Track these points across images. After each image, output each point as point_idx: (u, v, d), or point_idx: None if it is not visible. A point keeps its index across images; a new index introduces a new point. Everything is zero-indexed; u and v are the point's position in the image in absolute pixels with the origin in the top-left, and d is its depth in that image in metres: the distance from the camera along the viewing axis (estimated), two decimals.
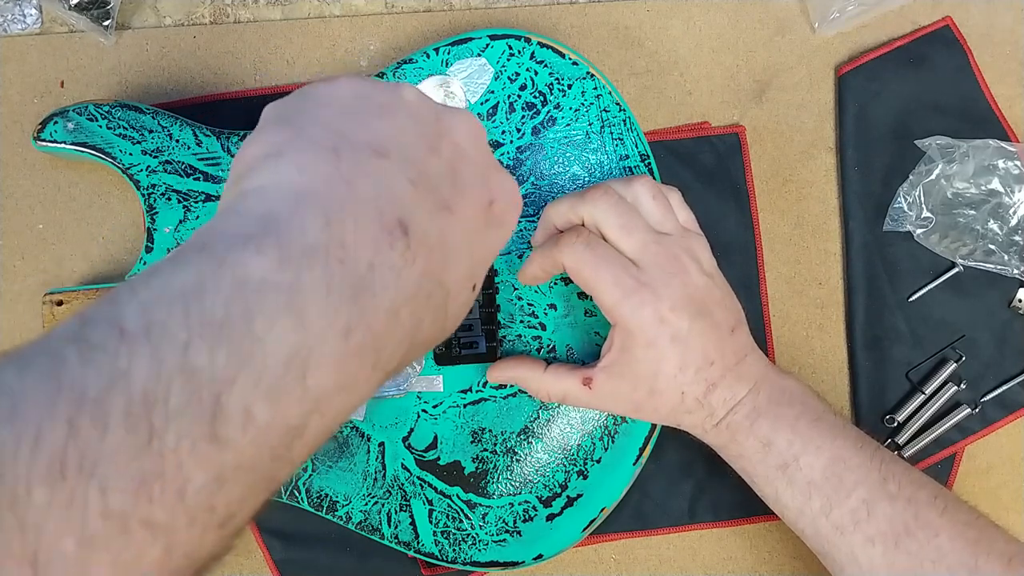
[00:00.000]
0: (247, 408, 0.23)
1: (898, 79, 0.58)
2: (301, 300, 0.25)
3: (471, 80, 0.52)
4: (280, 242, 0.26)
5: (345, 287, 0.26)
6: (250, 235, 0.26)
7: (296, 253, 0.25)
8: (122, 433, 0.21)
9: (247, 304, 0.24)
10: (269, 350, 0.24)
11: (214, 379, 0.23)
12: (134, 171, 0.51)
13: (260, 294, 0.24)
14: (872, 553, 0.44)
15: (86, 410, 0.21)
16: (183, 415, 0.22)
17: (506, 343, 0.53)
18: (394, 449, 0.52)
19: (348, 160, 0.29)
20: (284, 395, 0.24)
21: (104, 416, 0.21)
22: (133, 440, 0.21)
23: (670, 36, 0.58)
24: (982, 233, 0.56)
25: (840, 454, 0.46)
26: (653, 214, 0.47)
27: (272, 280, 0.25)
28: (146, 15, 0.57)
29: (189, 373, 0.23)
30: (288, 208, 0.27)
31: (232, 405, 0.23)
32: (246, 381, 0.23)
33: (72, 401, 0.21)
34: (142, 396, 0.22)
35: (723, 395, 0.47)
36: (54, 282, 0.55)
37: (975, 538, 0.44)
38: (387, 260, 0.28)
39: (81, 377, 0.22)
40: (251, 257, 0.25)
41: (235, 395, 0.23)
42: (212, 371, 0.23)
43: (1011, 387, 0.57)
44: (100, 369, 0.22)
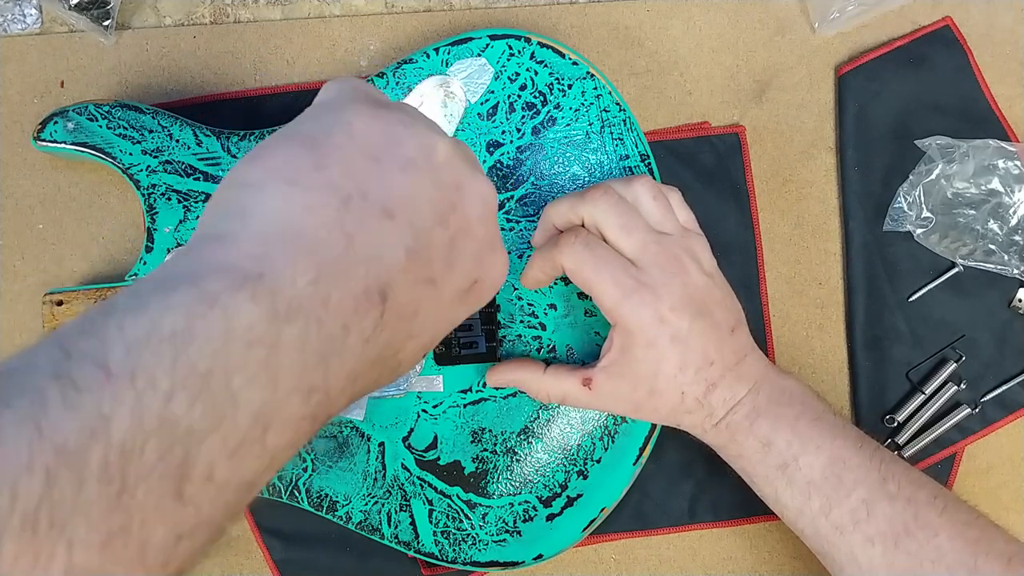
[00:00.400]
0: (211, 467, 0.24)
1: (898, 79, 0.58)
2: (277, 359, 0.25)
3: (471, 80, 0.52)
4: (272, 291, 0.26)
5: (317, 349, 0.26)
6: (247, 275, 0.26)
7: (283, 307, 0.26)
8: (96, 488, 0.21)
9: (230, 359, 0.24)
10: (241, 408, 0.24)
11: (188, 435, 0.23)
12: (134, 171, 0.51)
13: (245, 349, 0.25)
14: (871, 553, 0.44)
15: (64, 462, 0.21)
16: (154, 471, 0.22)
17: (506, 343, 0.53)
18: (394, 449, 0.52)
19: (355, 214, 0.29)
20: (246, 454, 0.25)
21: (81, 469, 0.21)
22: (106, 494, 0.22)
23: (670, 36, 0.58)
24: (982, 233, 0.56)
25: (840, 454, 0.46)
26: (653, 214, 0.47)
27: (257, 334, 0.25)
28: (146, 15, 0.57)
29: (167, 427, 0.23)
30: (284, 252, 0.27)
31: (199, 463, 0.23)
32: (215, 439, 0.24)
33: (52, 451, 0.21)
34: (120, 448, 0.22)
35: (723, 395, 0.47)
36: (54, 282, 0.55)
37: (974, 538, 0.44)
38: (360, 326, 0.28)
39: (62, 423, 0.22)
40: (243, 303, 0.25)
41: (203, 452, 0.23)
42: (188, 426, 0.23)
43: (1011, 387, 0.57)
44: (83, 416, 0.22)
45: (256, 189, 0.29)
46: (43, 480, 0.21)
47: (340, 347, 0.27)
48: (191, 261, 0.27)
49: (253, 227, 0.27)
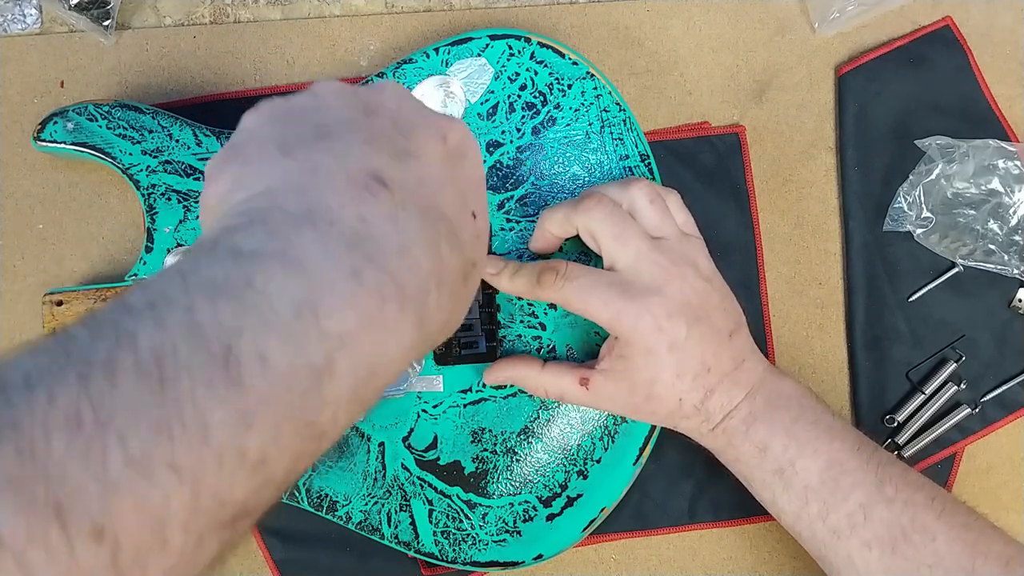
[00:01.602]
0: (261, 352, 0.23)
1: (898, 79, 0.58)
2: (297, 255, 0.25)
3: (471, 80, 0.52)
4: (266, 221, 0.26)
5: (341, 240, 0.26)
6: (236, 225, 0.26)
7: (284, 224, 0.26)
8: (133, 383, 0.22)
9: (244, 269, 0.25)
10: (274, 300, 0.24)
11: (222, 330, 0.23)
12: (134, 171, 0.51)
13: (256, 259, 0.25)
14: (869, 558, 0.44)
15: (96, 369, 0.22)
16: (193, 363, 0.22)
17: (506, 343, 0.53)
18: (394, 449, 0.52)
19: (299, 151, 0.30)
20: (299, 337, 0.24)
21: (113, 372, 0.22)
22: (146, 387, 0.22)
23: (670, 36, 0.58)
24: (982, 233, 0.56)
25: (837, 458, 0.46)
26: (650, 219, 0.47)
27: (265, 248, 0.25)
28: (146, 15, 0.57)
29: (195, 328, 0.23)
30: (265, 200, 0.28)
31: (244, 351, 0.23)
32: (255, 329, 0.24)
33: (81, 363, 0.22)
34: (150, 350, 0.22)
35: (720, 400, 0.47)
36: (54, 282, 0.55)
37: (973, 540, 0.44)
38: (378, 210, 0.28)
39: (89, 346, 0.22)
40: (243, 236, 0.26)
41: (246, 341, 0.23)
42: (218, 323, 0.23)
43: (1011, 387, 0.57)
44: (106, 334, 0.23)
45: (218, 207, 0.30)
46: (76, 385, 0.21)
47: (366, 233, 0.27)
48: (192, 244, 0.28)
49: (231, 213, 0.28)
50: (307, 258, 0.25)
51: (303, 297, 0.25)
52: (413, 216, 0.29)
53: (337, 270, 0.26)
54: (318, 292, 0.25)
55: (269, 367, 0.24)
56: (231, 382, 0.23)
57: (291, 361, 0.24)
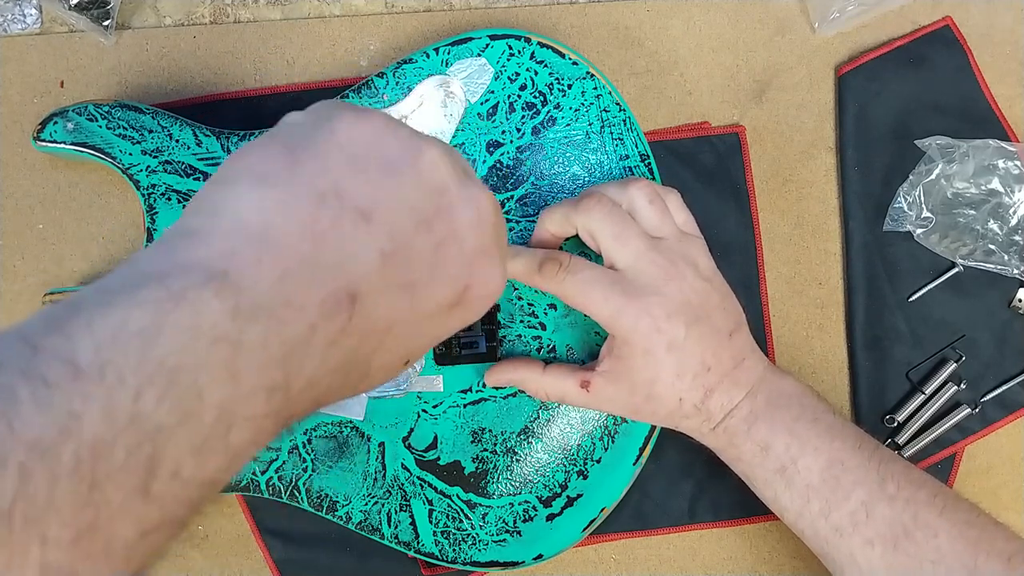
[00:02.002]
0: (177, 463, 0.23)
1: (898, 79, 0.58)
2: (241, 357, 0.25)
3: (471, 80, 0.52)
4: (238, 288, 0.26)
5: (280, 348, 0.26)
6: (212, 274, 0.26)
7: (247, 305, 0.26)
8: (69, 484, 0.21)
9: (197, 355, 0.24)
10: (206, 406, 0.24)
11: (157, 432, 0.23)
12: (134, 171, 0.51)
13: (210, 345, 0.25)
14: (871, 555, 0.44)
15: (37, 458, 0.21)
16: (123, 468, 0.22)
17: (506, 343, 0.53)
18: (394, 449, 0.52)
19: (328, 214, 0.28)
20: (210, 450, 0.24)
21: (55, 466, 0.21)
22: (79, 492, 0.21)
23: (670, 36, 0.58)
24: (982, 233, 0.56)
25: (838, 456, 0.46)
26: (649, 219, 0.47)
27: (222, 331, 0.25)
28: (146, 15, 0.57)
29: (137, 423, 0.23)
30: (251, 249, 0.27)
31: (166, 459, 0.23)
32: (182, 435, 0.24)
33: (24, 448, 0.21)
34: (91, 445, 0.22)
35: (720, 400, 0.47)
36: (54, 282, 0.55)
37: (975, 537, 0.44)
38: (324, 330, 0.27)
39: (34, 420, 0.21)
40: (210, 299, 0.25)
41: (170, 450, 0.23)
42: (157, 423, 0.23)
43: (1011, 387, 0.57)
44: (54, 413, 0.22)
45: (230, 185, 0.29)
46: (16, 477, 0.21)
47: (303, 349, 0.27)
48: (160, 257, 0.26)
49: (222, 224, 0.27)
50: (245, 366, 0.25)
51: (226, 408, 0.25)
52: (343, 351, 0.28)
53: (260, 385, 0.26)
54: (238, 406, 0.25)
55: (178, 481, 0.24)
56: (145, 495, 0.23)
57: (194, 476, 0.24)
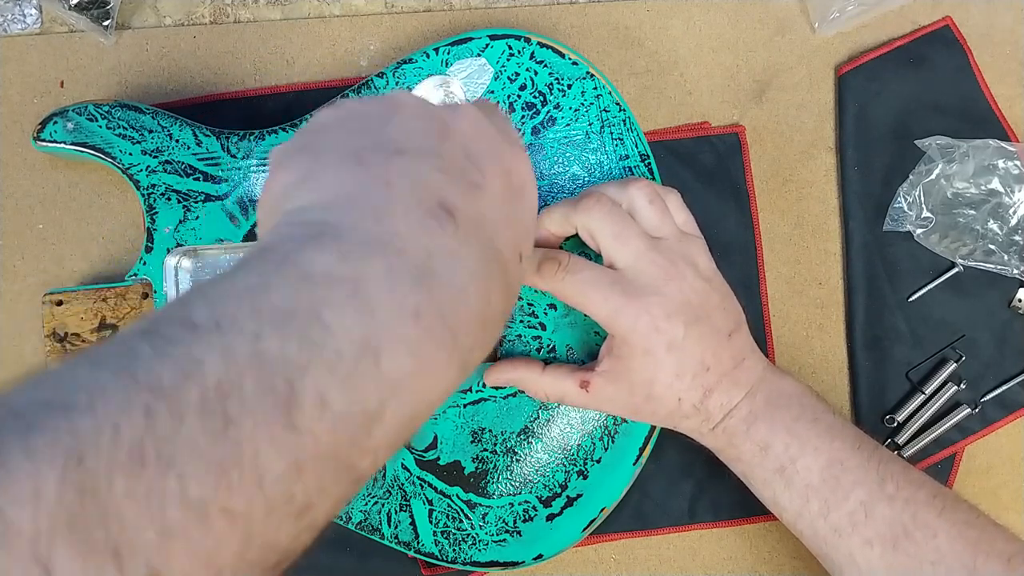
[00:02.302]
0: (322, 395, 0.23)
1: (898, 79, 0.58)
2: (366, 289, 0.25)
3: (471, 80, 0.52)
4: (339, 239, 0.26)
5: (407, 274, 0.26)
6: (309, 235, 0.26)
7: (356, 248, 0.26)
8: (198, 422, 0.21)
9: (313, 297, 0.24)
10: (340, 337, 0.24)
11: (287, 367, 0.23)
12: (134, 171, 0.51)
13: (325, 287, 0.25)
14: (870, 555, 0.44)
15: (162, 401, 0.21)
16: (258, 403, 0.22)
17: (506, 343, 0.53)
18: None
19: (375, 164, 0.29)
20: (358, 381, 0.24)
21: (180, 406, 0.21)
22: (210, 428, 0.21)
23: (670, 36, 0.58)
24: (982, 233, 0.56)
25: (838, 456, 0.46)
26: (649, 219, 0.47)
27: (336, 273, 0.25)
28: (146, 15, 0.57)
29: (262, 362, 0.23)
30: (338, 212, 0.27)
31: (307, 392, 0.23)
32: (319, 368, 0.23)
33: (148, 392, 0.21)
34: (216, 386, 0.22)
35: (719, 400, 0.47)
36: (54, 282, 0.55)
37: (974, 538, 0.44)
38: (443, 244, 0.28)
39: (156, 369, 0.22)
40: (313, 254, 0.25)
41: (309, 382, 0.23)
42: (284, 359, 0.23)
43: (1011, 387, 0.57)
44: (174, 361, 0.22)
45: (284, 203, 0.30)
46: (143, 417, 0.21)
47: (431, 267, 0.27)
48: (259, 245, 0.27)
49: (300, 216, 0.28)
50: (375, 293, 0.25)
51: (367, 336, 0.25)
52: (473, 254, 0.29)
53: (401, 309, 0.26)
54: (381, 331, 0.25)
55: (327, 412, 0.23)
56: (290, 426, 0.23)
57: (348, 407, 0.24)
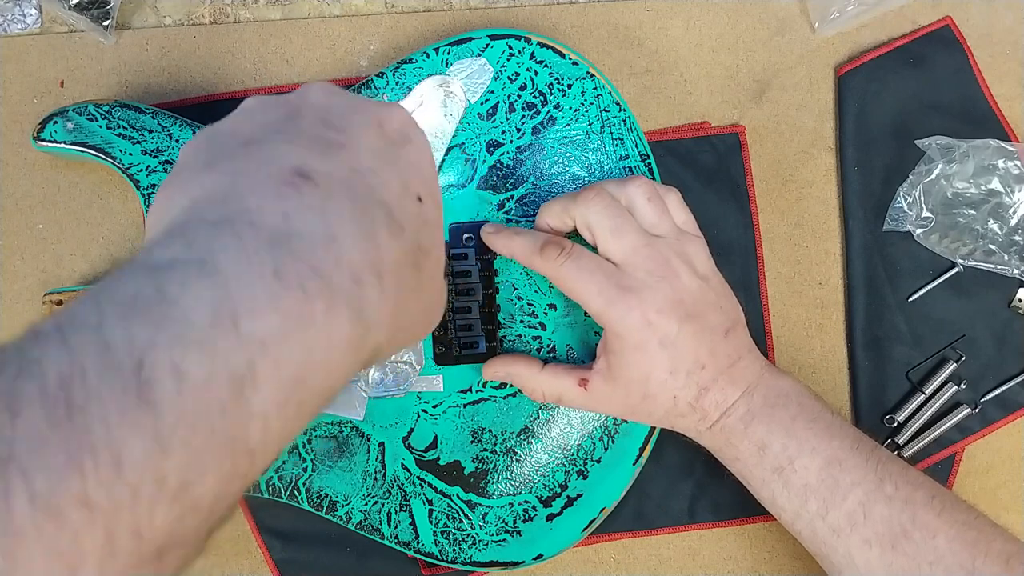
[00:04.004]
0: (175, 366, 0.22)
1: (898, 79, 0.58)
2: (215, 262, 0.24)
3: (471, 80, 0.52)
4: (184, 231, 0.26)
5: (261, 241, 0.25)
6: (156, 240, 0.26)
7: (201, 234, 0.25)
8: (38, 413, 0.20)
9: (157, 280, 0.24)
10: (188, 308, 0.23)
11: (132, 346, 0.22)
12: (134, 171, 0.51)
13: (170, 270, 0.24)
14: (869, 555, 0.44)
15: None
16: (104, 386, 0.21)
17: (506, 343, 0.53)
18: (394, 449, 0.52)
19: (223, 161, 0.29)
20: (216, 346, 0.23)
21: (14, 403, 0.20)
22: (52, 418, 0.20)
23: (670, 36, 0.58)
24: (982, 233, 0.56)
25: (836, 455, 0.46)
26: (647, 216, 0.47)
27: (181, 258, 0.24)
28: (146, 15, 0.57)
29: (104, 346, 0.22)
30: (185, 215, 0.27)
31: (158, 365, 0.22)
32: (168, 341, 0.22)
33: None
34: (56, 377, 0.21)
35: (715, 398, 0.47)
36: (54, 282, 0.55)
37: (973, 539, 0.43)
38: (300, 204, 0.27)
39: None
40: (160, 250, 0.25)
41: (160, 356, 0.22)
42: (128, 340, 0.22)
43: (1011, 387, 0.57)
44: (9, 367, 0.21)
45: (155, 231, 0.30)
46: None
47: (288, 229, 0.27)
48: None
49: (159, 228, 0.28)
50: (224, 263, 0.24)
51: (220, 303, 0.24)
52: (342, 206, 0.28)
53: (256, 271, 0.25)
54: (236, 296, 0.24)
55: (185, 381, 0.22)
56: (144, 403, 0.21)
57: (209, 372, 0.23)
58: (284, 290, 0.25)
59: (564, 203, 0.48)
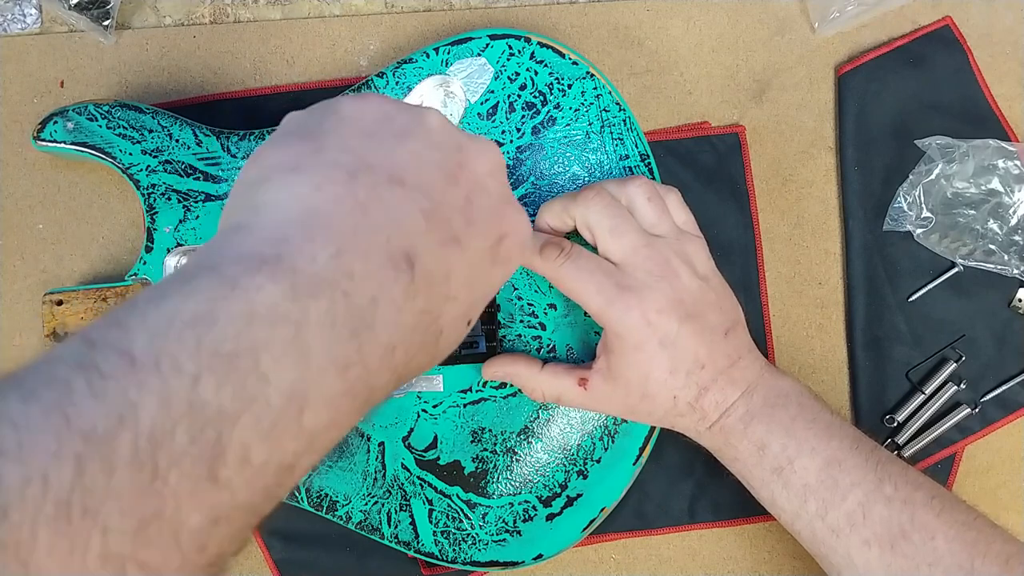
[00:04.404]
0: (245, 448, 0.23)
1: (898, 79, 0.58)
2: (306, 335, 0.25)
3: (471, 80, 0.52)
4: (293, 269, 0.25)
5: (348, 322, 0.26)
6: (264, 259, 0.25)
7: (305, 284, 0.25)
8: (127, 475, 0.21)
9: (255, 338, 0.24)
10: (272, 388, 0.24)
11: (220, 417, 0.23)
12: (134, 171, 0.51)
13: (270, 327, 0.24)
14: (868, 556, 0.44)
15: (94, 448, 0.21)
16: (186, 456, 0.22)
17: (506, 343, 0.53)
18: (394, 449, 0.52)
19: (364, 185, 0.28)
20: (281, 434, 0.24)
21: (111, 455, 0.21)
22: (138, 481, 0.21)
23: (670, 36, 0.58)
24: (982, 233, 0.56)
25: (836, 456, 0.46)
26: (647, 216, 0.47)
27: (281, 312, 0.24)
28: (146, 15, 0.57)
29: (197, 410, 0.22)
30: (301, 232, 0.27)
31: (232, 445, 0.23)
32: (248, 420, 0.23)
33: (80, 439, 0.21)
34: (149, 434, 0.21)
35: (715, 398, 0.47)
36: (54, 282, 0.55)
37: (972, 539, 0.43)
38: (390, 295, 0.27)
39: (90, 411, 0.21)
40: (264, 283, 0.25)
41: (236, 434, 0.23)
42: (218, 408, 0.23)
43: (1011, 387, 0.57)
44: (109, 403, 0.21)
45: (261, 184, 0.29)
46: (73, 467, 0.20)
47: (371, 318, 0.27)
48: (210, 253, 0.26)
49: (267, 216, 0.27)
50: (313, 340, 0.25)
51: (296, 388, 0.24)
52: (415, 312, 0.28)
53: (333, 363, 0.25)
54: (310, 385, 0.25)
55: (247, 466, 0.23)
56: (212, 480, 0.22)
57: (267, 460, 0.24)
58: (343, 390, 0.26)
59: (564, 203, 0.48)
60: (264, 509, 0.25)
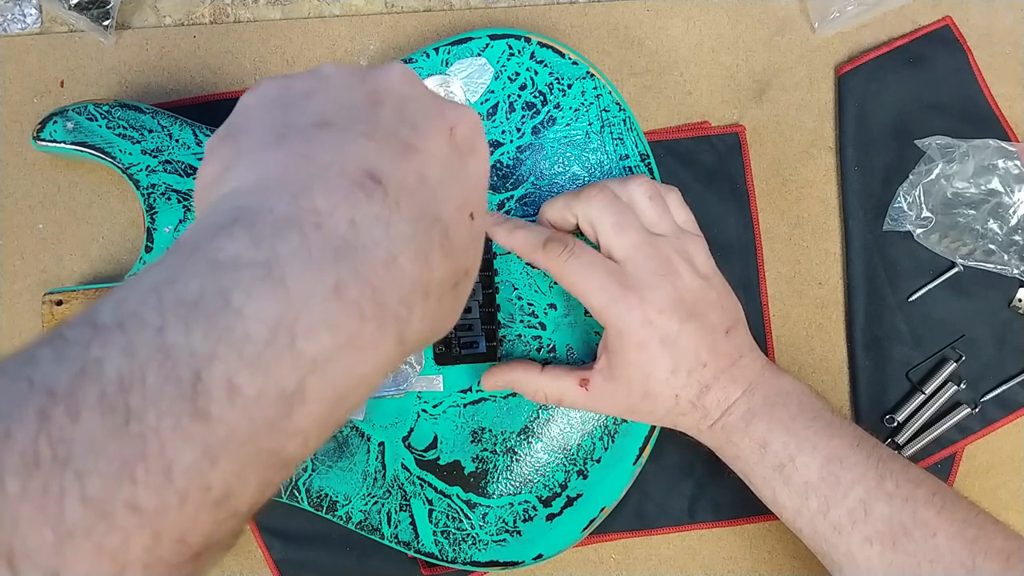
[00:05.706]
0: (231, 380, 0.23)
1: (898, 79, 0.58)
2: (280, 269, 0.24)
3: (471, 80, 0.52)
4: (252, 224, 0.25)
5: (327, 249, 0.25)
6: (221, 225, 0.25)
7: (268, 230, 0.25)
8: (97, 418, 0.21)
9: (221, 283, 0.24)
10: (250, 321, 0.23)
11: (192, 356, 0.22)
12: (134, 171, 0.51)
13: (235, 271, 0.24)
14: (870, 553, 0.44)
15: (58, 401, 0.21)
16: (162, 394, 0.22)
17: (506, 343, 0.53)
18: (394, 449, 0.52)
19: (295, 141, 0.29)
20: (271, 362, 0.23)
21: (76, 404, 0.21)
22: (110, 423, 0.21)
23: (670, 36, 0.58)
24: (982, 233, 0.56)
25: (837, 453, 0.46)
26: (648, 215, 0.47)
27: (246, 257, 0.24)
28: (146, 15, 0.57)
29: (164, 353, 0.22)
30: (254, 196, 0.27)
31: (214, 379, 0.22)
32: (227, 354, 0.23)
33: (43, 394, 0.21)
34: (116, 381, 0.21)
35: (716, 397, 0.47)
36: (54, 282, 0.55)
37: (973, 536, 0.43)
38: (369, 212, 0.27)
39: (53, 372, 0.21)
40: (223, 241, 0.25)
41: (216, 369, 0.22)
42: (189, 349, 0.22)
43: (1011, 387, 0.57)
44: (72, 360, 0.22)
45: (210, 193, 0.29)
46: (36, 420, 0.20)
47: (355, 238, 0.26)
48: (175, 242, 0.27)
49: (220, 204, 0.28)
50: (289, 272, 0.24)
51: (280, 317, 0.24)
52: (405, 220, 0.28)
53: (319, 285, 0.25)
54: (296, 311, 0.24)
55: (238, 397, 0.23)
56: (198, 415, 0.22)
57: (261, 389, 0.23)
58: (342, 310, 0.25)
59: (567, 200, 0.48)
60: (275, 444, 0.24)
